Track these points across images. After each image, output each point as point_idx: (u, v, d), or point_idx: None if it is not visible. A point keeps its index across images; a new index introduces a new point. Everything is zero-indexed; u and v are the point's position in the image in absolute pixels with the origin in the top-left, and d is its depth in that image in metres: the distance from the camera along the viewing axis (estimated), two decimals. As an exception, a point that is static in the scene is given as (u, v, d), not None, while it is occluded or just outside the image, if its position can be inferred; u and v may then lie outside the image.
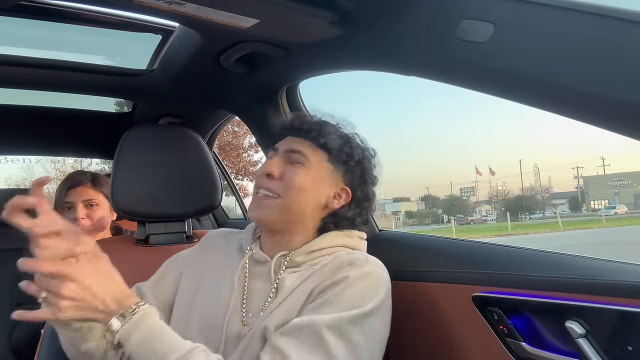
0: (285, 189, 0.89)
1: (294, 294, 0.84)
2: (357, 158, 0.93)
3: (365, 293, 0.80)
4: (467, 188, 73.67)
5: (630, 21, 0.58)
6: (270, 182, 0.90)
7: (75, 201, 1.53)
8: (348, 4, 0.89)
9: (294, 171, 0.90)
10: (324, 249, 0.90)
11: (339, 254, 0.88)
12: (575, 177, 66.44)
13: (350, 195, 0.92)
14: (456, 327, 0.93)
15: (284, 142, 0.95)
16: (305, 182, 0.90)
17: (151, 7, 0.88)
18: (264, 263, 0.91)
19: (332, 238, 0.92)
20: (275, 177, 0.90)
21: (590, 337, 0.70)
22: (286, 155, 0.92)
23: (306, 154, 0.91)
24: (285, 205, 0.89)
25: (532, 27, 0.67)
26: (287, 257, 0.90)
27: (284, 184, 0.89)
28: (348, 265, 0.84)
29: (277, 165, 0.91)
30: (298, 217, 0.91)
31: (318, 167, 0.91)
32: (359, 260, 0.85)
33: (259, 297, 0.88)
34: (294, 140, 0.94)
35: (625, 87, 0.58)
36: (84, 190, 1.55)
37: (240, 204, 2.39)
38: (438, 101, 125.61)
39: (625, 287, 0.68)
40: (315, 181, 0.90)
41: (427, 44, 0.81)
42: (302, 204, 0.90)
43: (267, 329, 0.80)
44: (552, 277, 0.77)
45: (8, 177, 17.01)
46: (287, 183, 0.89)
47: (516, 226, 30.46)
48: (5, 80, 1.43)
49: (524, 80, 0.68)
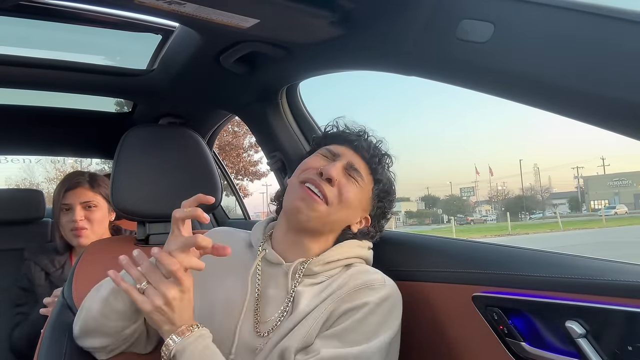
0: (336, 199, 0.89)
1: (312, 315, 0.84)
2: (392, 198, 0.99)
3: (385, 319, 0.83)
4: (467, 188, 73.68)
5: (630, 21, 0.57)
6: (326, 185, 0.89)
7: (74, 203, 1.52)
8: (348, 4, 0.89)
9: (350, 186, 0.91)
10: (340, 260, 0.92)
11: (355, 273, 0.89)
12: (575, 177, 66.48)
13: (370, 222, 0.97)
14: (456, 327, 0.93)
15: (345, 151, 0.95)
16: (354, 201, 0.92)
17: (151, 7, 0.87)
18: (278, 265, 0.91)
19: (347, 249, 0.93)
20: (333, 183, 0.90)
21: (590, 337, 0.70)
22: (346, 166, 0.92)
23: (364, 176, 0.94)
24: (329, 214, 0.89)
25: (532, 27, 0.67)
26: (304, 264, 0.89)
27: (338, 195, 0.90)
28: (367, 288, 0.85)
29: (338, 172, 0.91)
30: (329, 229, 0.93)
31: (366, 192, 0.94)
32: (376, 282, 0.87)
33: (273, 305, 0.88)
34: (355, 156, 0.95)
35: (625, 87, 0.58)
36: (82, 191, 1.54)
37: (240, 204, 2.39)
38: (438, 101, 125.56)
39: (625, 287, 0.68)
40: (358, 204, 0.93)
41: (427, 44, 0.81)
42: (341, 218, 0.92)
43: (288, 351, 0.81)
44: (552, 277, 0.77)
45: (8, 177, 17.02)
46: (342, 195, 0.90)
47: (516, 226, 30.46)
48: (5, 80, 1.43)
49: (524, 80, 0.68)
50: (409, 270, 1.02)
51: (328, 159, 0.94)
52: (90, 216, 1.53)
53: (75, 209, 1.52)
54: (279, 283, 0.89)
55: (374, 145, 0.98)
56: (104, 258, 1.12)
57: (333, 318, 0.83)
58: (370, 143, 0.97)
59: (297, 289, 0.87)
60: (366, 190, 0.94)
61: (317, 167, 0.91)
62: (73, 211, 1.52)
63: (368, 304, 0.82)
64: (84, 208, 1.53)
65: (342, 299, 0.84)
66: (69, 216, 1.52)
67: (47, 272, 1.53)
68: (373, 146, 0.97)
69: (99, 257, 1.11)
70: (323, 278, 0.90)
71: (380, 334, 0.81)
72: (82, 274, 1.06)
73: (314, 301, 0.85)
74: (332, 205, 0.89)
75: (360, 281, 0.86)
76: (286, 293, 0.88)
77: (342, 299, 0.85)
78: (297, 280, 0.88)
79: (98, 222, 1.55)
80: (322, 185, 0.89)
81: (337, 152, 0.95)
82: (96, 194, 1.56)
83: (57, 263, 1.55)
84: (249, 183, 17.36)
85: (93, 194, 1.55)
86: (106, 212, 1.59)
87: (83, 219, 1.52)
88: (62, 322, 0.98)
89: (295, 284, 0.88)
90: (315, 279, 0.89)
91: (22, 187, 12.55)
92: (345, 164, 0.93)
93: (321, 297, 0.86)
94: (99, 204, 1.56)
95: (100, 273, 1.08)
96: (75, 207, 1.52)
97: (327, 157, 0.95)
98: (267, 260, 0.92)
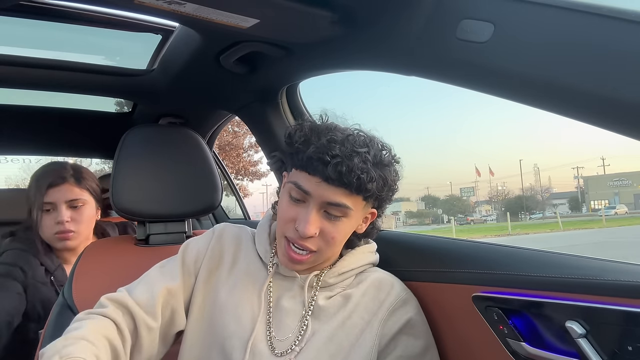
0: (325, 245, 0.84)
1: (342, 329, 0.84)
2: (391, 189, 0.87)
3: (425, 322, 0.91)
4: (467, 188, 73.70)
5: (630, 21, 0.57)
6: (307, 240, 0.82)
7: (58, 202, 1.34)
8: (348, 4, 0.89)
9: (334, 227, 0.83)
10: (354, 269, 0.92)
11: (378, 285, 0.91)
12: (575, 177, 66.47)
13: (376, 214, 0.91)
14: (456, 327, 0.93)
15: (317, 187, 0.81)
16: (345, 233, 0.86)
17: (151, 7, 0.87)
18: (291, 278, 0.89)
19: (359, 256, 0.93)
20: (314, 235, 0.82)
21: (590, 337, 0.70)
22: (323, 207, 0.82)
23: (348, 204, 0.81)
24: (321, 256, 0.86)
25: (532, 27, 0.67)
26: (319, 277, 0.89)
27: (323, 241, 0.83)
28: (403, 303, 0.89)
29: (315, 223, 0.81)
30: (330, 256, 0.89)
31: (356, 211, 0.84)
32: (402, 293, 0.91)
33: (290, 318, 0.86)
34: (328, 188, 0.80)
35: (625, 87, 0.57)
36: (67, 188, 1.36)
37: (240, 204, 2.39)
38: (438, 101, 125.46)
39: (625, 287, 0.68)
40: (353, 226, 0.87)
41: (427, 43, 0.81)
42: (338, 247, 0.88)
43: None
44: (552, 277, 0.77)
45: (8, 177, 17.00)
46: (328, 241, 0.83)
47: (516, 226, 30.46)
48: (5, 80, 1.43)
49: (524, 80, 0.68)
50: (409, 270, 1.02)
51: (299, 202, 0.83)
52: (76, 216, 1.37)
53: (60, 209, 1.34)
54: (294, 295, 0.88)
55: (358, 166, 0.79)
56: (104, 258, 1.12)
57: (383, 343, 0.86)
58: (351, 165, 0.78)
59: (316, 304, 0.86)
60: (357, 209, 0.84)
61: (293, 219, 0.83)
62: (57, 211, 1.34)
63: (411, 320, 0.88)
64: (69, 207, 1.36)
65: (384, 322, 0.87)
66: (52, 217, 1.35)
67: (47, 270, 1.37)
68: (357, 167, 0.78)
69: (99, 257, 1.11)
70: (339, 289, 0.89)
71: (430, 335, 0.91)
72: (82, 274, 1.06)
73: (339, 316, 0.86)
74: (321, 249, 0.84)
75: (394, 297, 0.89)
76: (302, 306, 0.87)
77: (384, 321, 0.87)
78: (314, 293, 0.88)
79: (86, 222, 1.40)
80: (304, 243, 0.82)
81: (307, 189, 0.81)
82: (83, 190, 1.38)
83: (55, 261, 1.41)
84: (249, 183, 17.36)
85: (80, 191, 1.37)
86: (94, 210, 1.43)
87: (69, 220, 1.35)
88: (63, 322, 0.97)
89: (314, 297, 0.87)
90: (332, 291, 0.89)
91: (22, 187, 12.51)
92: (319, 206, 0.82)
93: (345, 310, 0.86)
94: (86, 202, 1.38)
95: (100, 273, 1.08)
96: (60, 207, 1.34)
97: (298, 200, 0.83)
98: (279, 273, 0.90)
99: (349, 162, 0.78)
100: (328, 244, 0.83)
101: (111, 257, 1.13)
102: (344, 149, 0.79)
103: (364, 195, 0.82)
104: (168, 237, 1.19)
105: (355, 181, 0.79)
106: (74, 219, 1.36)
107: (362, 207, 0.85)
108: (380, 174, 0.82)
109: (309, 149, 0.81)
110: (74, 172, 1.38)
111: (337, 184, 0.79)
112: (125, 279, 1.09)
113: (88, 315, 0.83)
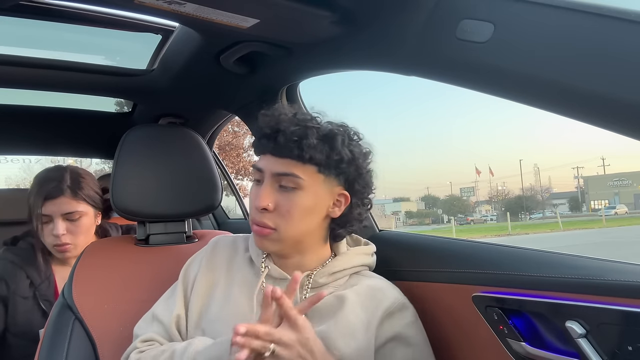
0: (282, 221, 0.84)
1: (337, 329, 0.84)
2: (347, 158, 0.85)
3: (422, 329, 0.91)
4: (467, 188, 73.74)
5: (630, 21, 0.57)
6: (264, 215, 0.84)
7: (54, 215, 1.33)
8: (348, 4, 0.89)
9: (288, 200, 0.83)
10: (346, 269, 0.91)
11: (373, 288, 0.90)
12: (575, 177, 66.48)
13: (349, 197, 0.88)
14: (456, 327, 0.93)
15: (267, 161, 0.85)
16: (303, 207, 0.84)
17: (151, 7, 0.87)
18: (283, 280, 0.88)
19: (352, 257, 0.93)
20: (269, 209, 0.83)
21: (590, 337, 0.70)
22: (275, 180, 0.84)
23: (296, 173, 0.83)
24: (285, 236, 0.85)
25: (532, 27, 0.67)
26: (309, 277, 0.89)
27: (280, 216, 0.84)
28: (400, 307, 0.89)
29: (268, 196, 0.83)
30: (301, 239, 0.88)
31: (311, 184, 0.84)
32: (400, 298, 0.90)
33: None
34: (276, 160, 0.84)
35: (625, 87, 0.57)
36: (63, 201, 1.33)
37: (240, 204, 2.39)
38: (438, 101, 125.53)
39: (625, 287, 0.68)
40: (312, 200, 0.84)
41: (427, 44, 0.81)
42: (302, 227, 0.85)
43: None
44: (552, 277, 0.77)
45: (8, 177, 17.01)
46: (284, 215, 0.83)
47: (516, 226, 30.45)
48: (5, 80, 1.43)
49: (524, 80, 0.68)
50: (409, 270, 1.02)
51: (259, 183, 0.87)
52: (73, 228, 1.35)
53: (56, 222, 1.32)
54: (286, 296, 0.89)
55: (284, 133, 0.82)
56: (104, 258, 1.12)
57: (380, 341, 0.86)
58: (294, 133, 0.82)
59: None
60: (312, 181, 0.84)
61: (255, 200, 0.85)
62: (54, 223, 1.33)
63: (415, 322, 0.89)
64: (65, 219, 1.34)
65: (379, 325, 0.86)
66: (50, 228, 1.33)
67: (32, 283, 1.34)
68: (283, 137, 0.82)
69: (99, 257, 1.11)
70: (331, 289, 0.89)
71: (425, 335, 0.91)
72: (82, 274, 1.06)
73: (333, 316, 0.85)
74: (281, 226, 0.84)
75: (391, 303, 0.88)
76: None
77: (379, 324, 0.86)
78: (304, 295, 0.88)
79: (84, 233, 1.37)
80: (260, 218, 0.84)
81: (260, 167, 0.86)
82: (80, 202, 1.36)
83: (43, 274, 1.36)
84: (249, 183, 17.35)
85: (76, 203, 1.35)
86: (92, 219, 1.41)
87: (65, 232, 1.33)
88: (63, 322, 0.98)
89: (305, 297, 0.87)
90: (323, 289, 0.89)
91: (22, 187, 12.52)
92: (271, 179, 0.84)
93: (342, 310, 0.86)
94: (82, 214, 1.36)
95: (100, 273, 1.08)
96: (56, 220, 1.33)
97: (258, 181, 0.87)
98: (271, 276, 0.90)
99: (291, 132, 0.82)
100: (284, 219, 0.83)
101: (111, 257, 1.13)
102: (287, 124, 0.84)
103: (313, 164, 0.83)
104: (168, 237, 1.19)
105: (296, 149, 0.81)
106: (71, 231, 1.35)
107: (320, 180, 0.84)
108: (323, 137, 0.83)
109: (262, 130, 0.86)
110: (71, 182, 1.35)
111: (282, 154, 0.83)
112: (125, 278, 1.09)
113: None
